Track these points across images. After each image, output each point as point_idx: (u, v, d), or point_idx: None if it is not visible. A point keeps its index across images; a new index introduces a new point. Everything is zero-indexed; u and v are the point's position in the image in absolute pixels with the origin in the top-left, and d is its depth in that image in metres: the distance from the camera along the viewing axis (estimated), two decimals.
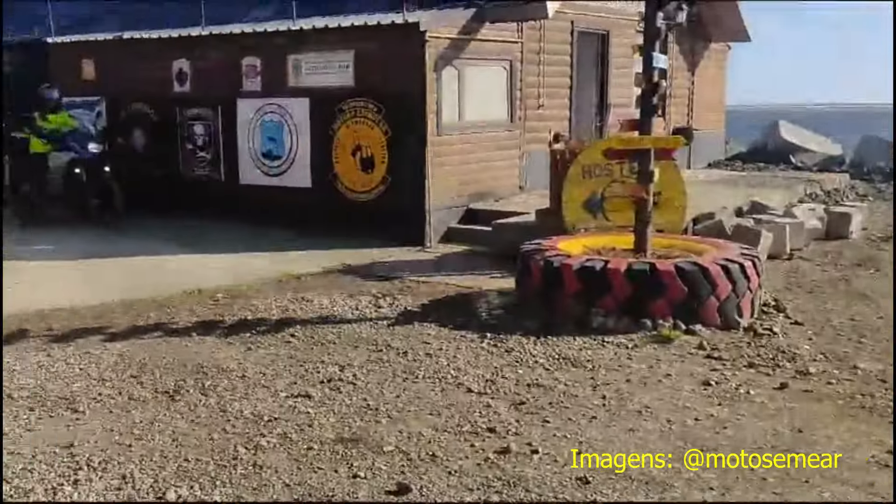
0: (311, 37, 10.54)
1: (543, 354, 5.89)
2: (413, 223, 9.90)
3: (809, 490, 3.93)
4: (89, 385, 5.27)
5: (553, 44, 11.86)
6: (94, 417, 4.77)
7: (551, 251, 7.02)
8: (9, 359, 5.74)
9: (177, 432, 4.56)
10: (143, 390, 5.19)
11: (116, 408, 4.92)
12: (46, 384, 5.27)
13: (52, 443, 4.41)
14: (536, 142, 11.19)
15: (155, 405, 4.96)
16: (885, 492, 3.91)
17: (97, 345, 6.09)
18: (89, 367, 5.59)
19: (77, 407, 4.91)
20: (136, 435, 4.52)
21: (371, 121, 10.17)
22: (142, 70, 12.19)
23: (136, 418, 4.75)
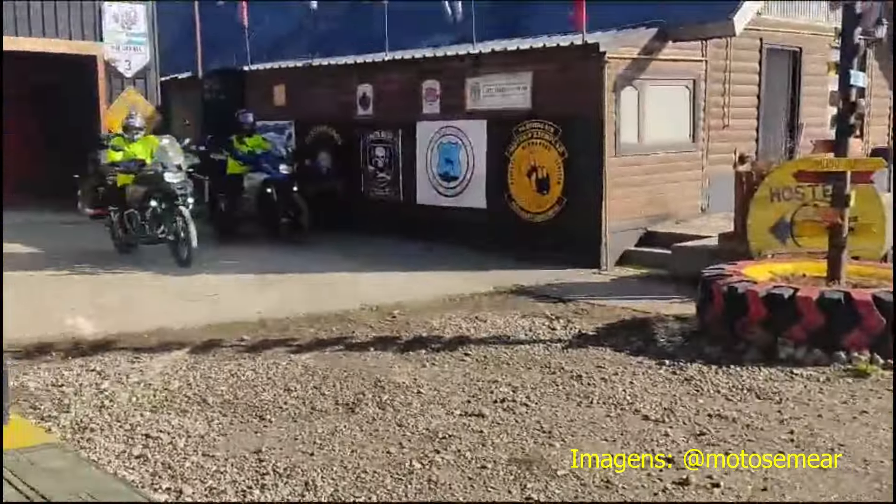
0: (490, 60, 10.70)
1: (726, 384, 5.63)
2: (588, 245, 9.78)
3: None
4: (276, 394, 5.53)
5: (740, 62, 11.42)
6: (280, 425, 5.00)
7: (735, 276, 6.73)
8: (205, 367, 6.13)
9: (356, 444, 4.70)
10: (325, 401, 5.39)
11: (300, 417, 5.13)
12: (238, 392, 5.59)
13: (242, 448, 4.66)
14: (720, 163, 10.79)
15: (336, 416, 5.14)
16: None
17: (283, 356, 6.40)
18: (276, 378, 5.87)
19: (264, 415, 5.17)
20: (319, 444, 4.70)
21: (547, 142, 10.16)
22: (327, 95, 12.82)
23: (318, 428, 4.93)
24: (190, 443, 4.72)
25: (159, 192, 9.95)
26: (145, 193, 10.09)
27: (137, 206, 10.18)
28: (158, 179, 9.96)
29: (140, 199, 10.15)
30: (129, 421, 5.01)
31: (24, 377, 5.79)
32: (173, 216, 9.87)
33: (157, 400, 5.41)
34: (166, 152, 10.16)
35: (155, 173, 10.01)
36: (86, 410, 5.19)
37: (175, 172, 10.00)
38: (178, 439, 4.76)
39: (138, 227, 10.24)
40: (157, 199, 9.96)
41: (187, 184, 10.08)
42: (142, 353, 6.44)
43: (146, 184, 10.14)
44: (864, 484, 4.13)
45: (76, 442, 4.71)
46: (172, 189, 9.86)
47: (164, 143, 10.46)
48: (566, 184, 10.04)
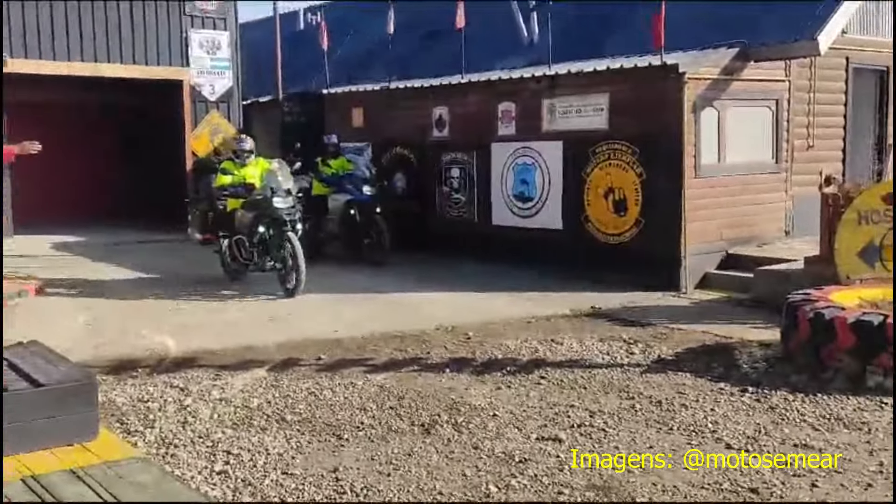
0: (566, 81, 10.68)
1: (812, 413, 5.46)
2: (667, 267, 9.62)
3: None
4: (352, 414, 5.58)
5: (825, 81, 11.14)
6: (357, 445, 5.04)
7: (822, 302, 6.53)
8: (284, 385, 6.22)
9: (431, 465, 4.70)
10: (401, 422, 5.41)
11: (376, 437, 5.16)
12: (315, 411, 5.65)
13: (320, 466, 4.71)
14: (805, 184, 10.51)
15: (411, 437, 5.15)
16: None
17: (360, 376, 6.45)
18: (352, 397, 5.92)
19: (341, 434, 5.21)
20: (395, 465, 4.71)
21: (625, 163, 10.06)
22: (404, 117, 12.98)
23: (394, 448, 4.95)
24: (269, 460, 4.79)
25: (267, 218, 9.57)
26: (254, 219, 9.74)
27: (246, 232, 9.81)
28: (267, 205, 9.55)
29: (248, 225, 9.79)
30: (212, 437, 5.12)
31: (112, 393, 5.97)
32: (282, 243, 9.46)
33: (237, 417, 5.51)
34: (276, 176, 9.71)
35: (263, 198, 9.62)
36: (170, 426, 5.32)
37: (284, 197, 9.58)
38: (258, 456, 4.84)
39: (247, 254, 9.89)
40: (265, 225, 9.59)
41: (296, 210, 9.70)
42: (223, 370, 6.58)
43: (254, 209, 9.77)
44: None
45: (161, 457, 4.83)
46: (281, 215, 9.47)
47: (274, 166, 10.01)
48: (644, 205, 9.92)
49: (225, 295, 9.79)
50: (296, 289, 9.37)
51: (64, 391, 4.69)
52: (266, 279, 10.11)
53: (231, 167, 10.33)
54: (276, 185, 9.61)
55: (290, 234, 9.42)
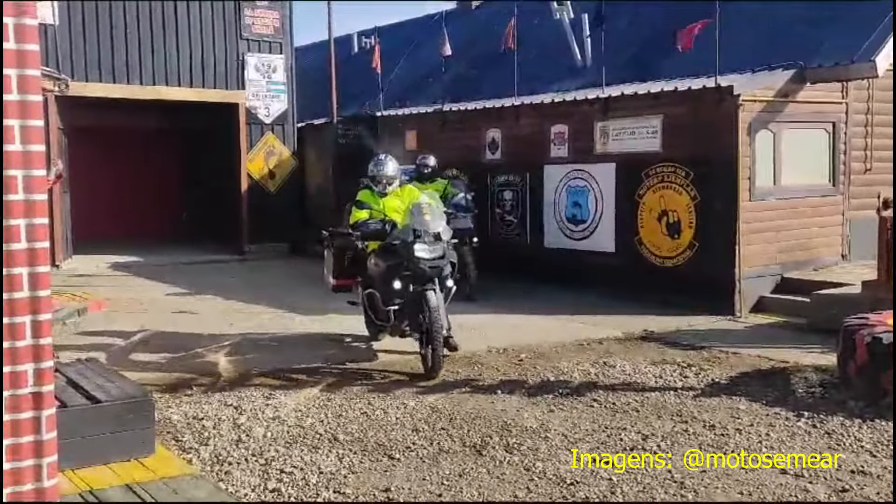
0: (619, 103, 10.68)
1: (870, 439, 5.34)
2: (721, 291, 9.51)
3: None
4: (404, 434, 5.61)
5: (883, 103, 10.93)
6: (408, 465, 5.07)
7: (880, 326, 6.39)
8: (336, 404, 6.29)
9: (483, 486, 4.71)
10: (453, 443, 5.43)
11: (428, 458, 5.18)
12: (367, 431, 5.70)
13: (371, 486, 4.75)
14: (863, 208, 10.33)
15: (463, 458, 5.16)
16: None
17: (411, 397, 6.49)
18: (404, 418, 5.96)
19: (393, 454, 5.25)
20: (446, 485, 4.73)
21: (679, 185, 10.00)
22: (456, 139, 13.07)
23: (445, 469, 4.97)
24: (322, 479, 4.84)
25: (406, 271, 7.25)
26: (388, 270, 7.41)
27: (381, 284, 7.54)
28: (405, 253, 7.24)
29: (382, 276, 7.50)
30: (265, 455, 5.19)
31: (168, 410, 6.10)
32: (420, 306, 7.12)
33: (290, 436, 5.59)
34: (422, 214, 7.34)
35: (402, 244, 7.29)
36: (224, 444, 5.42)
37: (430, 244, 7.23)
38: (310, 475, 4.90)
39: (382, 313, 7.55)
40: (402, 279, 7.27)
41: (446, 261, 7.32)
42: (276, 389, 6.68)
43: (389, 257, 7.44)
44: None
45: (215, 474, 4.92)
46: (423, 269, 7.15)
47: (422, 200, 7.60)
48: (698, 228, 9.83)
49: None
50: (435, 368, 7.01)
51: (121, 408, 4.84)
52: None
53: (368, 198, 7.94)
54: (420, 226, 7.28)
55: (429, 293, 7.08)
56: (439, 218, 7.45)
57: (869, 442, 5.30)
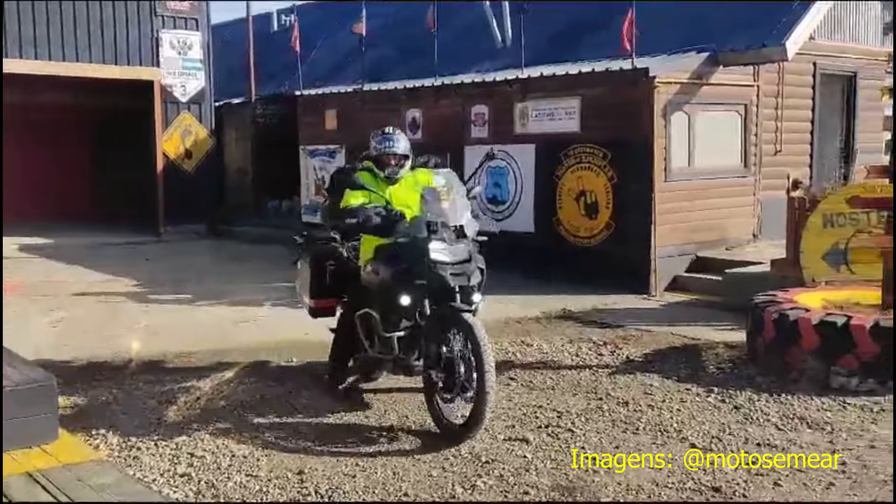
0: (538, 85, 10.71)
1: (776, 413, 5.50)
2: (637, 270, 9.68)
3: None
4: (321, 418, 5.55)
5: (793, 87, 11.27)
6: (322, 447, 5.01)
7: (787, 304, 6.59)
8: (252, 387, 6.18)
9: (397, 467, 4.68)
10: (367, 424, 5.39)
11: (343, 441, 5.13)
12: (282, 413, 5.62)
13: (285, 468, 4.67)
14: (773, 188, 10.62)
15: (378, 440, 5.12)
16: None
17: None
18: (320, 401, 5.88)
19: (307, 436, 5.18)
20: (361, 466, 4.70)
21: (596, 166, 10.11)
22: (377, 119, 12.87)
23: (361, 451, 4.93)
24: (234, 462, 4.75)
25: (419, 280, 5.17)
26: (395, 279, 5.29)
27: (380, 301, 5.44)
28: (418, 253, 5.17)
29: (384, 289, 5.37)
30: (176, 440, 5.06)
31: (75, 396, 5.90)
32: (442, 334, 5.08)
33: (203, 419, 5.46)
34: (439, 200, 5.38)
35: (411, 242, 5.26)
36: (134, 428, 5.26)
37: (451, 242, 5.23)
38: (222, 459, 4.80)
39: (381, 341, 5.45)
40: (413, 292, 5.19)
41: (472, 268, 5.28)
42: (189, 372, 6.52)
43: (394, 262, 5.32)
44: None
45: (123, 459, 4.78)
46: (443, 278, 5.11)
47: (439, 182, 5.63)
48: (615, 208, 9.97)
49: None
50: (471, 425, 4.94)
51: (23, 393, 4.64)
52: None
53: (370, 181, 5.65)
54: (436, 217, 5.27)
55: (464, 315, 5.05)
56: (462, 206, 5.45)
57: (775, 415, 5.45)
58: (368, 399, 5.84)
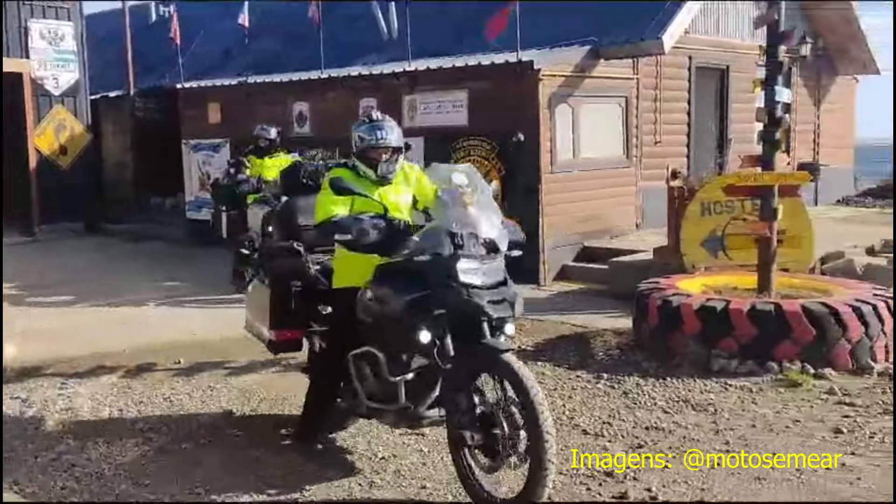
0: (426, 77, 10.72)
1: (662, 397, 5.69)
2: (526, 261, 9.78)
3: None
4: (212, 419, 5.40)
5: (670, 79, 11.66)
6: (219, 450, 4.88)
7: (670, 290, 6.82)
8: (138, 392, 5.96)
9: (292, 467, 4.60)
10: (265, 425, 5.28)
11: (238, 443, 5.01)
12: (171, 417, 5.44)
13: (176, 475, 4.52)
14: (653, 178, 10.97)
15: (274, 440, 5.02)
16: None
17: (220, 379, 6.24)
18: (211, 402, 5.72)
19: (200, 440, 5.03)
20: (257, 469, 4.59)
21: (485, 159, 10.20)
22: (263, 112, 12.63)
23: (258, 452, 4.82)
24: (119, 471, 4.57)
25: (438, 310, 4.05)
26: (408, 311, 4.11)
27: (390, 336, 4.26)
28: (442, 274, 4.05)
29: (393, 322, 4.18)
30: (56, 449, 4.83)
31: None
32: (473, 375, 4.03)
33: (85, 427, 5.23)
34: (464, 205, 4.20)
35: (431, 262, 4.12)
36: (9, 439, 4.99)
37: (483, 261, 4.13)
38: (105, 467, 4.61)
39: (384, 386, 4.30)
40: (432, 326, 4.06)
41: (511, 293, 4.18)
42: (70, 378, 6.23)
43: (409, 286, 4.14)
44: (801, 494, 4.19)
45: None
46: (480, 307, 4.00)
47: (460, 180, 4.33)
48: (504, 200, 10.05)
49: None
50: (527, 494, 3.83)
51: None
52: None
53: (351, 179, 4.59)
54: (462, 228, 4.14)
55: (504, 355, 3.95)
56: (491, 211, 4.32)
57: (661, 399, 5.64)
58: None
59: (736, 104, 12.64)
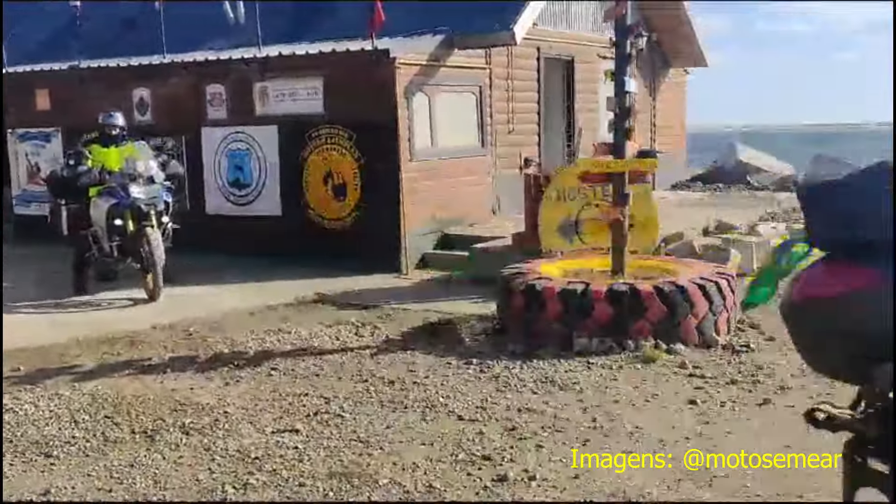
0: (278, 64, 10.43)
1: (531, 378, 5.79)
2: (388, 250, 9.77)
3: None
4: (61, 427, 5.04)
5: (521, 69, 11.90)
6: (69, 462, 4.55)
7: (532, 274, 6.96)
8: None
9: (159, 474, 4.36)
10: (119, 431, 4.97)
11: (92, 451, 4.69)
12: (16, 429, 5.03)
13: (26, 490, 4.18)
14: (508, 166, 11.17)
15: (133, 446, 4.74)
16: None
17: (66, 385, 5.84)
18: (59, 410, 5.34)
19: (50, 451, 4.68)
20: (117, 478, 4.32)
21: (342, 148, 10.06)
22: (99, 99, 11.89)
23: (114, 461, 4.53)
24: None
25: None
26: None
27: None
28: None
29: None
30: None
31: None
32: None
33: None
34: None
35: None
36: None
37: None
38: None
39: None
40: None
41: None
42: None
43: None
44: (668, 466, 4.37)
45: None
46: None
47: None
48: (363, 190, 9.99)
49: None
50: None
51: None
52: None
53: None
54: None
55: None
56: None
57: (531, 381, 5.74)
58: None
59: (580, 94, 13.06)
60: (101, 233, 8.64)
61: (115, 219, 8.44)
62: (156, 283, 8.48)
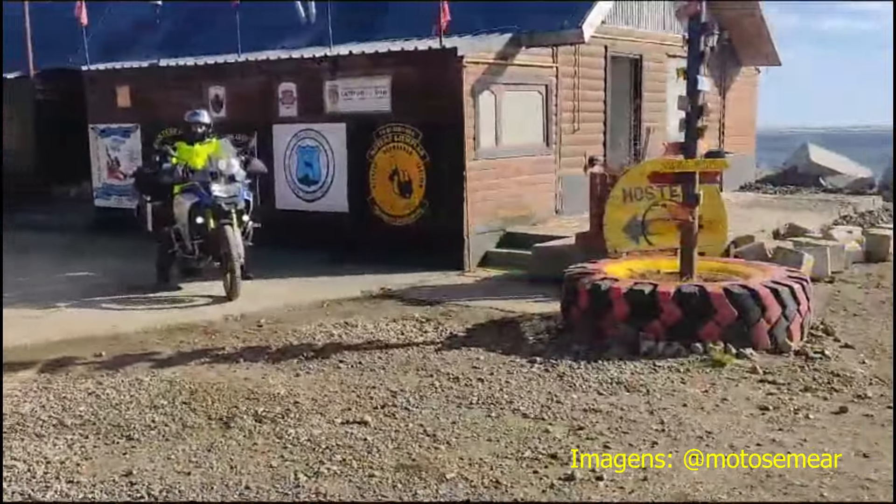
0: (348, 62, 10.59)
1: (596, 379, 5.80)
2: (452, 247, 9.86)
3: None
4: (141, 412, 5.24)
5: (588, 68, 11.85)
6: (150, 445, 4.73)
7: (598, 274, 6.95)
8: (59, 386, 5.73)
9: (234, 459, 4.51)
10: (196, 417, 5.15)
11: (171, 435, 4.87)
12: (99, 412, 5.25)
13: (110, 471, 4.37)
14: (572, 166, 11.14)
15: (210, 432, 4.91)
16: None
17: (145, 371, 6.07)
18: (139, 395, 5.56)
19: (132, 434, 4.88)
20: (195, 462, 4.48)
21: (409, 146, 10.17)
22: (177, 96, 12.26)
23: (192, 445, 4.70)
24: (50, 469, 4.39)
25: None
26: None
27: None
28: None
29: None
30: None
31: None
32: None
33: (7, 425, 4.99)
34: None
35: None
36: None
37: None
38: (36, 466, 4.42)
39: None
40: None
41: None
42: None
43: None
44: (739, 471, 4.34)
45: None
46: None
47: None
48: (428, 187, 10.09)
49: None
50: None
51: None
52: None
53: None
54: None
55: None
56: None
57: (595, 381, 5.75)
58: None
59: (647, 93, 12.95)
60: (184, 230, 8.85)
61: (196, 217, 8.63)
62: (234, 282, 8.39)
